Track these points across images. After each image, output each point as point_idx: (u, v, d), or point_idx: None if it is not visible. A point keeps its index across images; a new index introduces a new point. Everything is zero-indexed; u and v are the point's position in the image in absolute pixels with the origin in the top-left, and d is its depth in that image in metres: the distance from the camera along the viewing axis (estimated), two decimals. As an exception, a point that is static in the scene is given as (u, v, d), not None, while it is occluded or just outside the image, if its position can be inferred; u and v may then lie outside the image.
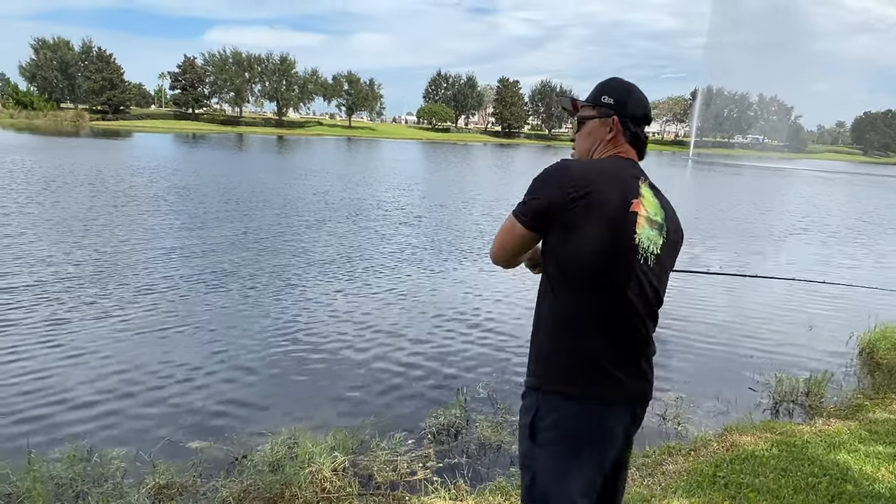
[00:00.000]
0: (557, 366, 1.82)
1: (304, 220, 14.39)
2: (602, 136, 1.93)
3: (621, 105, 1.92)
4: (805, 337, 7.55)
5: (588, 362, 1.78)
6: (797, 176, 52.56)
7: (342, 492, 3.61)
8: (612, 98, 1.93)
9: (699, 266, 11.25)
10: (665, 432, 4.86)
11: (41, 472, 3.59)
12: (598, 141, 1.95)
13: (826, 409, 5.38)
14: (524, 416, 1.87)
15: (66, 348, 5.93)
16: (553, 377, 1.82)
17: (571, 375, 1.79)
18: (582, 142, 1.99)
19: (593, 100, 1.97)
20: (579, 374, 1.79)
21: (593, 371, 1.78)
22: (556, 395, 1.80)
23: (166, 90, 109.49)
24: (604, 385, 1.79)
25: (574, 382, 1.78)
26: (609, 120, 1.92)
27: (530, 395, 1.86)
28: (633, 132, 1.93)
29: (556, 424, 1.79)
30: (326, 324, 7.10)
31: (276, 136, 78.57)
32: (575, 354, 1.79)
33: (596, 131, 1.95)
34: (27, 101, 78.32)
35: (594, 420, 1.79)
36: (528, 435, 1.83)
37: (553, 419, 1.79)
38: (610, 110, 1.92)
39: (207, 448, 4.25)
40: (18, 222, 11.70)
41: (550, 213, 1.76)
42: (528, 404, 1.86)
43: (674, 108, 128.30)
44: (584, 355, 1.79)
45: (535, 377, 1.86)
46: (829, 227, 18.71)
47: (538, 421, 1.81)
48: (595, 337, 1.78)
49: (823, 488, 3.55)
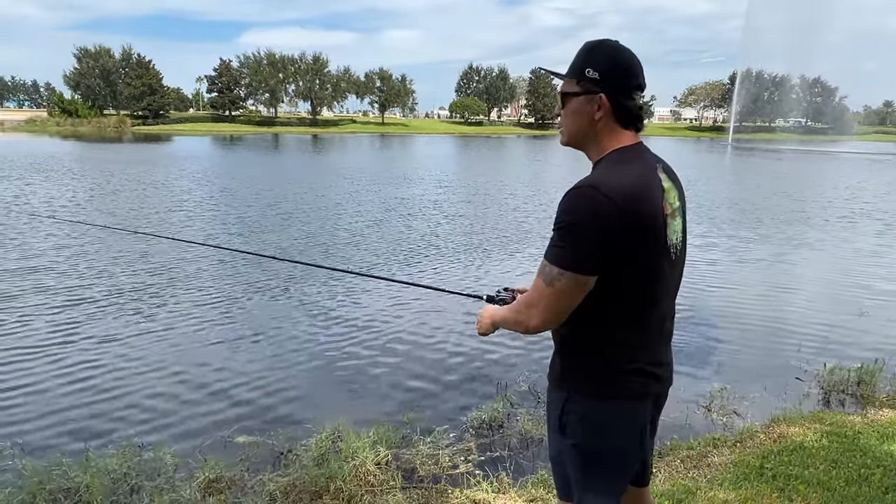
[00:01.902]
0: (592, 368, 1.75)
1: (355, 218, 14.52)
2: (590, 114, 1.70)
3: (609, 79, 1.68)
4: (856, 324, 7.32)
5: (623, 363, 1.74)
6: (843, 159, 50.78)
7: (385, 485, 3.66)
8: (597, 72, 1.67)
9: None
10: (710, 424, 4.77)
11: (97, 468, 3.74)
12: (587, 121, 1.72)
13: (878, 399, 5.21)
14: (553, 410, 1.84)
15: (120, 348, 6.13)
16: (585, 378, 1.77)
17: (606, 376, 1.74)
18: (569, 121, 1.77)
19: (577, 73, 1.71)
20: (614, 375, 1.74)
21: (628, 371, 1.74)
22: (585, 395, 1.77)
23: (203, 93, 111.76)
24: (637, 383, 1.76)
25: (608, 383, 1.74)
26: (596, 98, 1.69)
27: (557, 392, 1.83)
28: (625, 108, 1.70)
29: (585, 421, 1.77)
30: (369, 320, 7.17)
31: (311, 135, 79.50)
32: (610, 356, 1.74)
33: (582, 110, 1.72)
34: (72, 109, 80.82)
35: (626, 418, 1.78)
36: (557, 430, 1.82)
37: (583, 417, 1.77)
38: (596, 86, 1.68)
39: (254, 443, 4.35)
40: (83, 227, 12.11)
41: (610, 250, 1.59)
42: (555, 399, 1.83)
43: (712, 94, 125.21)
44: (619, 357, 1.74)
45: (561, 377, 1.81)
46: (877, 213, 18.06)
47: (565, 416, 1.79)
48: (631, 338, 1.73)
49: (877, 480, 3.45)
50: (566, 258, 1.59)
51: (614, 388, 1.74)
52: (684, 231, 1.82)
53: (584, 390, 1.76)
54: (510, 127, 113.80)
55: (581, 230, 1.57)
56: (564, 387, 1.79)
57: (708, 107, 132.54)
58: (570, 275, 1.59)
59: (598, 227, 1.56)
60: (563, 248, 1.60)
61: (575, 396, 1.77)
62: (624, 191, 1.59)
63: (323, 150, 46.22)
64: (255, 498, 3.57)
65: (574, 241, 1.58)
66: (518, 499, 3.51)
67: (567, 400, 1.78)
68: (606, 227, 1.56)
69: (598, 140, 1.74)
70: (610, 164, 1.69)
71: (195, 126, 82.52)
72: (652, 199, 1.65)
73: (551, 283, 1.62)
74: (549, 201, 17.44)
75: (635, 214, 1.59)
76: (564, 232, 1.60)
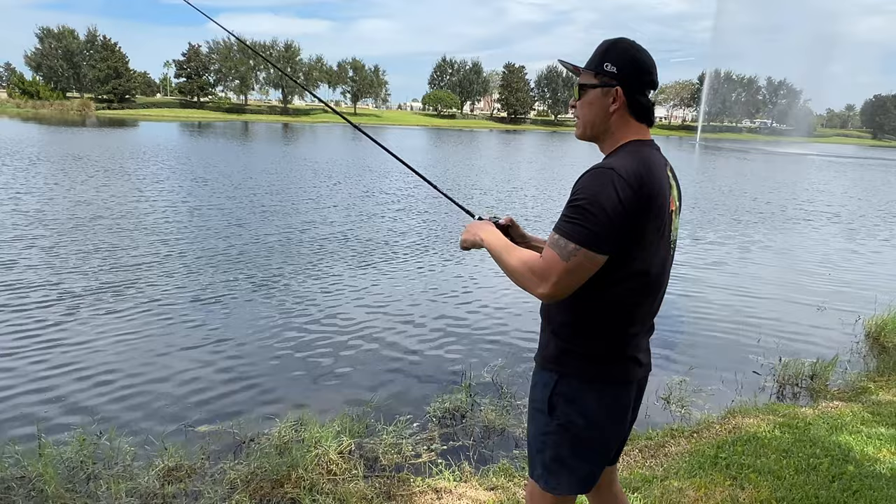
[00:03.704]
0: (587, 352, 1.80)
1: (317, 210, 14.41)
2: (605, 106, 1.79)
3: (626, 74, 1.76)
4: (811, 320, 7.55)
5: (614, 349, 1.80)
6: (806, 161, 52.10)
7: (348, 473, 3.66)
8: (615, 66, 1.76)
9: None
10: (669, 415, 4.89)
11: (52, 455, 3.66)
12: (602, 113, 1.80)
13: (830, 392, 5.39)
14: (540, 390, 1.88)
15: (75, 336, 5.99)
16: (579, 361, 1.81)
17: (600, 361, 1.80)
18: (584, 112, 1.84)
19: (595, 66, 1.80)
20: (608, 361, 1.80)
21: (621, 357, 1.81)
22: (577, 378, 1.82)
23: (171, 79, 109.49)
24: (627, 369, 1.83)
25: (601, 368, 1.80)
26: (612, 90, 1.77)
27: (547, 373, 1.86)
28: (639, 102, 1.79)
29: (574, 403, 1.81)
30: (333, 309, 7.14)
31: (282, 123, 78.50)
32: (606, 342, 1.79)
33: (598, 101, 1.80)
34: (33, 91, 78.49)
35: (614, 402, 1.84)
36: (545, 410, 1.86)
37: (573, 400, 1.82)
38: (613, 80, 1.77)
39: (216, 432, 4.31)
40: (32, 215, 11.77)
41: (624, 230, 1.64)
42: (544, 380, 1.87)
43: (681, 93, 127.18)
44: (615, 343, 1.80)
45: (556, 359, 1.84)
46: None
47: (555, 397, 1.83)
48: (627, 326, 1.79)
49: (825, 469, 3.57)
50: (583, 235, 1.62)
51: (606, 373, 1.80)
52: (680, 229, 1.91)
53: (576, 373, 1.81)
54: (483, 121, 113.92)
55: (599, 208, 1.61)
56: (557, 369, 1.83)
57: (677, 106, 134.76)
58: (585, 251, 1.62)
59: (615, 207, 1.60)
60: (579, 225, 1.62)
61: (567, 378, 1.82)
62: (640, 176, 1.65)
63: (295, 140, 45.66)
64: (215, 486, 3.54)
65: (592, 218, 1.61)
66: (479, 487, 3.55)
67: (558, 382, 1.82)
68: (623, 208, 1.61)
69: (612, 131, 1.81)
70: (624, 153, 1.75)
71: (162, 111, 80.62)
72: (662, 189, 1.73)
73: (567, 258, 1.64)
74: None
75: (648, 199, 1.65)
76: (581, 209, 1.63)
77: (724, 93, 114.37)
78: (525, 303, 7.51)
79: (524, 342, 6.31)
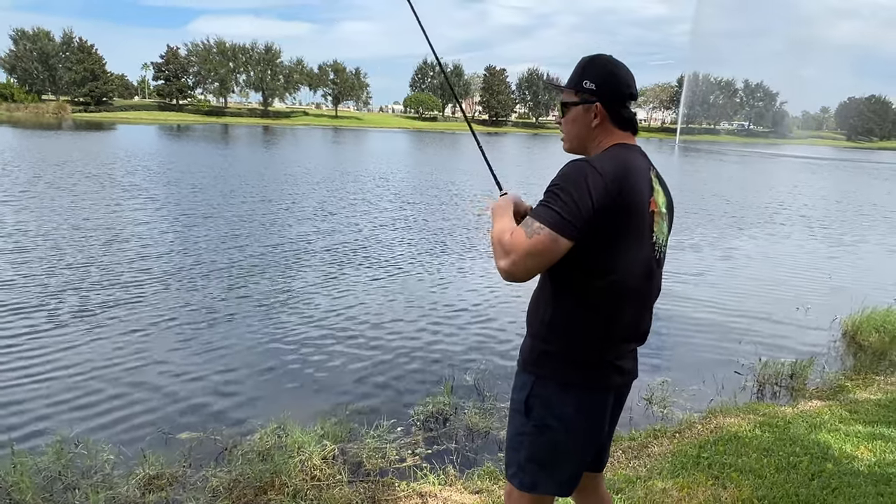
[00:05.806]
0: (565, 356, 1.81)
1: (294, 215, 14.32)
2: (588, 121, 1.85)
3: (604, 90, 1.82)
4: (791, 321, 7.65)
5: (591, 354, 1.80)
6: (782, 162, 52.86)
7: (332, 479, 3.63)
8: (594, 83, 1.82)
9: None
10: (651, 415, 4.92)
11: (27, 465, 3.59)
12: (585, 127, 1.86)
13: (809, 391, 5.47)
14: (518, 392, 1.89)
15: (51, 341, 5.89)
16: (555, 367, 1.82)
17: (576, 366, 1.81)
18: (569, 128, 1.91)
19: (575, 84, 1.86)
20: (584, 366, 1.81)
21: (598, 364, 1.82)
22: (554, 381, 1.82)
23: (149, 81, 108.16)
24: (604, 376, 1.84)
25: (578, 373, 1.81)
26: (593, 107, 1.83)
27: (526, 375, 1.87)
28: (620, 115, 1.84)
29: (550, 406, 1.82)
30: (313, 315, 7.09)
31: (262, 126, 77.89)
32: (578, 347, 1.80)
33: (581, 118, 1.86)
34: (7, 94, 77.12)
35: (590, 408, 1.84)
36: (522, 411, 1.86)
37: (549, 403, 1.82)
38: (593, 96, 1.82)
39: (197, 439, 4.26)
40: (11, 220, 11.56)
41: (592, 221, 1.67)
42: (523, 382, 1.88)
43: (660, 96, 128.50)
44: (588, 348, 1.80)
45: (535, 362, 1.85)
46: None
47: (532, 399, 1.84)
48: (605, 332, 1.80)
49: (804, 467, 3.61)
50: (549, 216, 1.67)
51: (582, 378, 1.81)
52: (668, 238, 1.91)
53: (553, 376, 1.82)
54: (464, 123, 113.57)
55: (568, 195, 1.67)
56: (534, 371, 1.85)
57: (656, 108, 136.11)
58: (549, 231, 1.66)
59: (585, 196, 1.66)
60: (548, 208, 1.69)
61: (543, 381, 1.83)
62: (615, 172, 1.71)
63: (276, 143, 45.36)
64: (197, 494, 3.49)
65: (560, 203, 1.67)
66: (464, 490, 3.54)
67: (535, 384, 1.84)
68: (592, 198, 1.66)
69: (597, 141, 1.87)
70: (606, 154, 1.81)
71: (140, 114, 79.69)
72: (640, 188, 1.76)
73: (531, 235, 1.69)
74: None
75: (621, 194, 1.69)
76: (553, 194, 1.70)
77: (702, 95, 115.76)
78: (506, 305, 7.53)
79: (506, 345, 6.32)
